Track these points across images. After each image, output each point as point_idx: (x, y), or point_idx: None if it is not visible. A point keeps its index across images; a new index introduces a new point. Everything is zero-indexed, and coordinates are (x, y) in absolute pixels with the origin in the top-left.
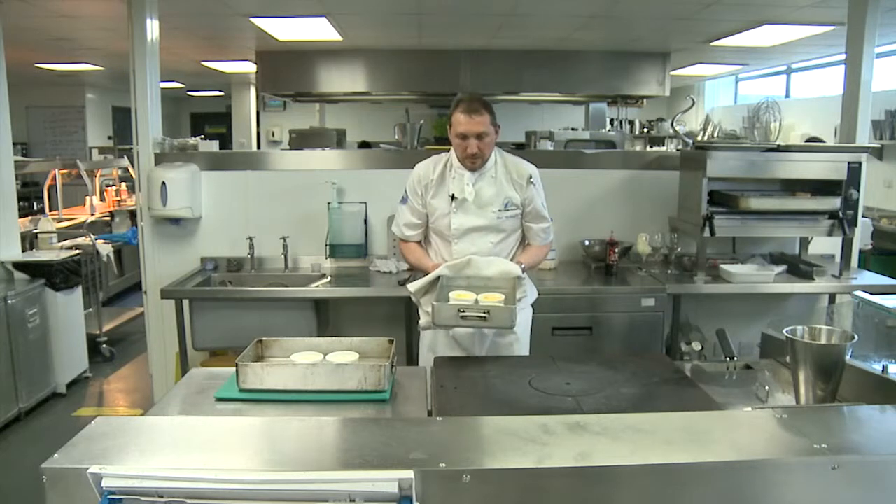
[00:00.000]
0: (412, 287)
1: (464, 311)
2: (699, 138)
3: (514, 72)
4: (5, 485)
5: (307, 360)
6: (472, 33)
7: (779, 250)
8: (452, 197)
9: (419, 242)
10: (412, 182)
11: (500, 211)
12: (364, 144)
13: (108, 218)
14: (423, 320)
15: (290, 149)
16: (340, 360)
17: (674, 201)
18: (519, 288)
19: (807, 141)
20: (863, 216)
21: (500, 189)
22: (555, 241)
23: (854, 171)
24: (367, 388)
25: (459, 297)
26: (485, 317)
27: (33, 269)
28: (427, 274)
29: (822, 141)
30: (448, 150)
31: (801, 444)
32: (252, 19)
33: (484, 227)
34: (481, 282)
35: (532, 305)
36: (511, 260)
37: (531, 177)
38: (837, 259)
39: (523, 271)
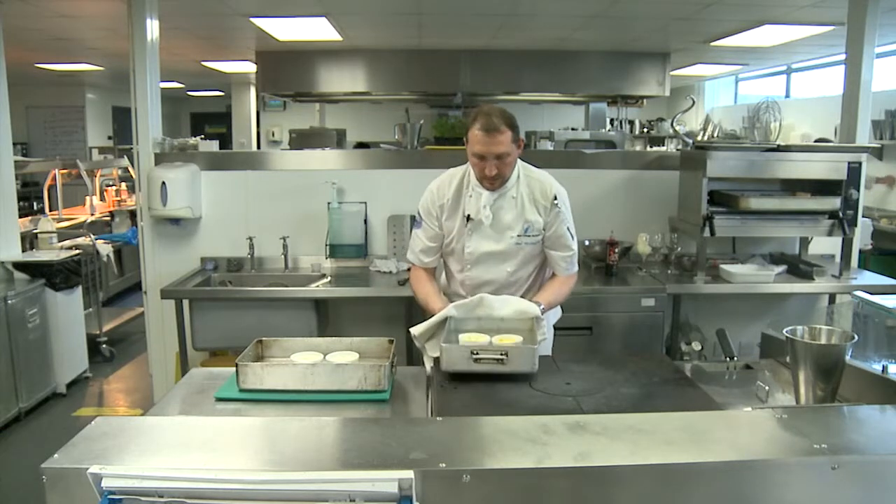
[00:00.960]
0: (416, 331)
1: (477, 354)
2: (699, 138)
3: (514, 72)
4: (5, 485)
5: (307, 361)
6: (472, 33)
7: (779, 250)
8: (468, 218)
9: (433, 271)
10: (426, 203)
11: (519, 236)
12: (361, 145)
13: (108, 218)
14: (429, 367)
15: (290, 149)
16: (340, 360)
17: (674, 201)
18: (538, 329)
19: (815, 142)
20: (863, 216)
21: (520, 211)
22: None
23: (854, 171)
24: (367, 388)
25: (470, 339)
26: (502, 360)
27: (33, 269)
28: (433, 315)
29: (830, 142)
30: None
31: (801, 444)
32: (252, 19)
33: (500, 253)
34: (494, 323)
35: (553, 326)
36: (528, 292)
37: (556, 198)
38: (837, 259)
39: (543, 312)
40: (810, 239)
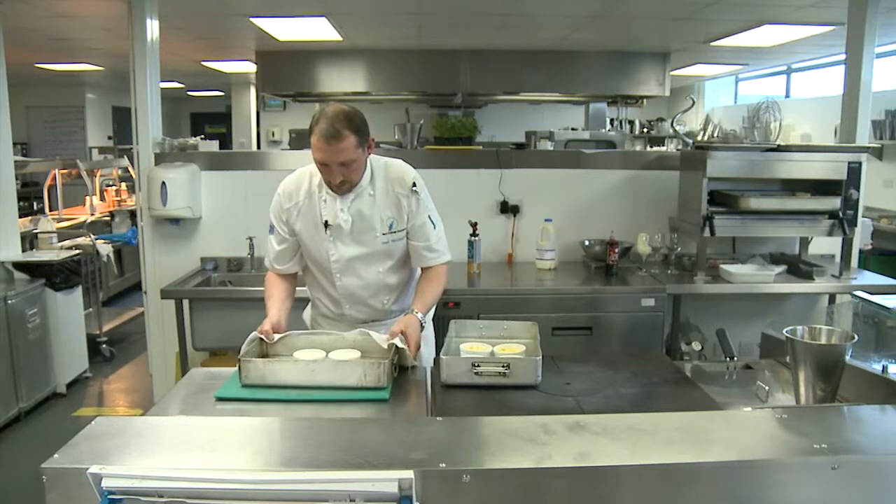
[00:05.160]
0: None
1: (478, 366)
2: (699, 138)
3: (514, 72)
4: (5, 485)
5: (309, 357)
6: (472, 33)
7: (779, 250)
8: (326, 224)
9: (291, 277)
10: (274, 208)
11: (385, 234)
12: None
13: (108, 218)
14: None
15: (290, 149)
16: (342, 357)
17: (674, 201)
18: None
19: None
20: (863, 216)
21: (381, 209)
22: (555, 240)
23: (854, 171)
24: (367, 385)
25: (472, 349)
26: (504, 372)
27: (33, 269)
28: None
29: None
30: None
31: (801, 444)
32: (252, 19)
33: (368, 255)
34: (496, 332)
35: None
36: (408, 293)
37: (415, 185)
38: (837, 259)
39: (423, 320)
40: (810, 239)
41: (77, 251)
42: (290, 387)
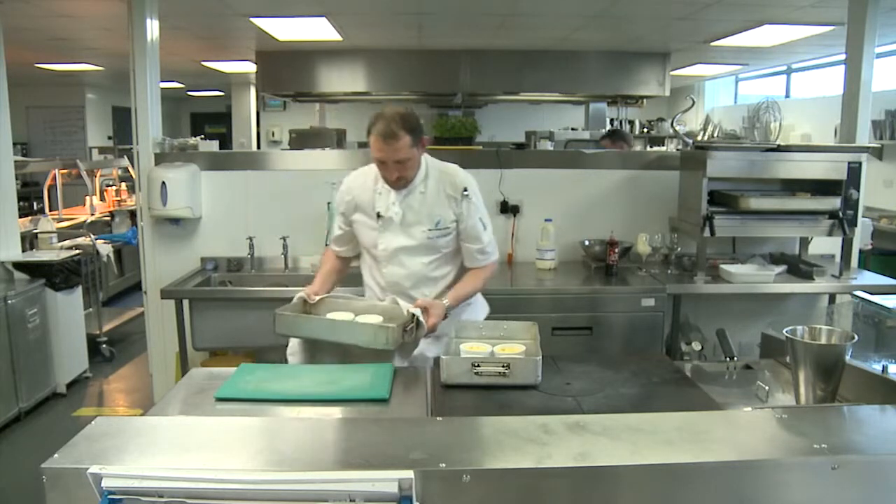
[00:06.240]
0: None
1: (478, 366)
2: (699, 138)
3: (514, 72)
4: (5, 485)
5: (333, 317)
6: (472, 33)
7: (779, 250)
8: (378, 215)
9: (345, 261)
10: (337, 199)
11: (430, 230)
12: (362, 145)
13: (108, 218)
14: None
15: (290, 149)
16: (363, 320)
17: (674, 201)
18: (419, 328)
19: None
20: (863, 216)
21: (431, 206)
22: (555, 240)
23: (854, 171)
24: (378, 347)
25: (472, 349)
26: (504, 372)
27: (33, 269)
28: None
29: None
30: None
31: (801, 444)
32: (252, 19)
33: (413, 248)
34: (496, 332)
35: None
36: (450, 286)
37: (466, 189)
38: (837, 259)
39: (448, 308)
40: (810, 239)
41: (77, 251)
42: (313, 339)
